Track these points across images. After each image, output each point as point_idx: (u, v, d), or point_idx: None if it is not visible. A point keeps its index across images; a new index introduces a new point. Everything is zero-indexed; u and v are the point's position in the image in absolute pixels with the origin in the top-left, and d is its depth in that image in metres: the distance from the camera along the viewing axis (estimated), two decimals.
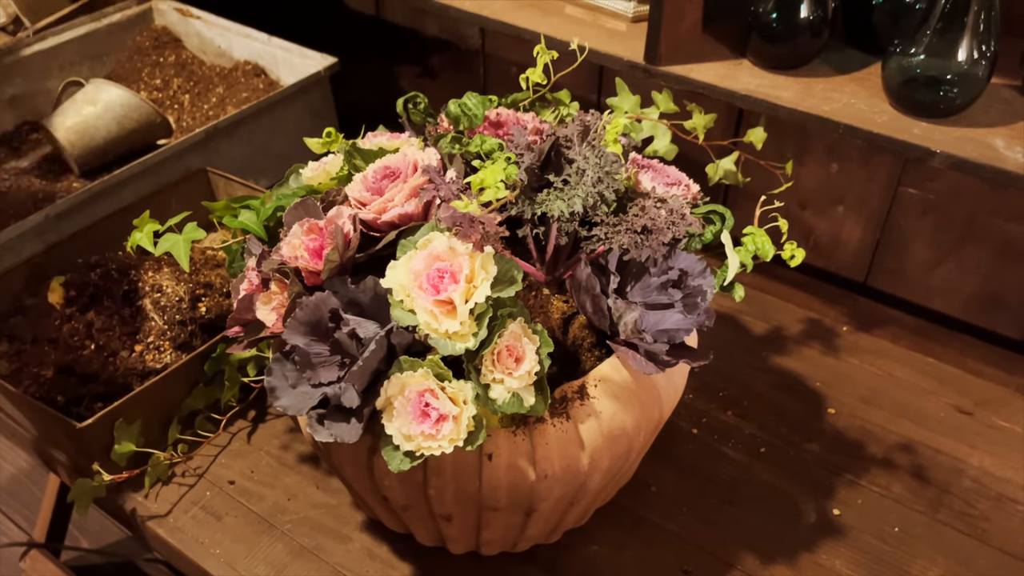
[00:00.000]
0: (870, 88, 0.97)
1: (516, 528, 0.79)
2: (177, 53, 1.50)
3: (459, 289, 0.62)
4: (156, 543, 0.92)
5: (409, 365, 0.65)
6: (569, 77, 0.88)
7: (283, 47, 1.39)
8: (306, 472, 0.95)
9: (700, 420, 1.01)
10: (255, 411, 1.00)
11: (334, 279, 0.69)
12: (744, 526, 0.90)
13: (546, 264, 0.76)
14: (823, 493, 0.93)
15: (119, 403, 0.88)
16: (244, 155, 1.29)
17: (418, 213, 0.72)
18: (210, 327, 1.01)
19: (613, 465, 0.74)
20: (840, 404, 1.03)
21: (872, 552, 0.88)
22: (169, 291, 1.02)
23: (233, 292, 0.77)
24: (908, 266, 1.17)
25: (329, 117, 1.39)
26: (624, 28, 1.10)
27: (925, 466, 0.96)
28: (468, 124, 0.82)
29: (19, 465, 1.85)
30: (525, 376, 0.64)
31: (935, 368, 1.08)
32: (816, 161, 1.17)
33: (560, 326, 0.77)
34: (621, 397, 0.72)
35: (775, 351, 1.10)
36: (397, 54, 1.53)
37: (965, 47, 0.86)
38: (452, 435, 0.63)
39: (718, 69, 1.02)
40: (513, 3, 1.15)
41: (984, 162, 0.87)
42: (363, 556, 0.87)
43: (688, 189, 0.79)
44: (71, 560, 1.61)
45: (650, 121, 0.92)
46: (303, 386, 0.68)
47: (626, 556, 0.87)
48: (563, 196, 0.68)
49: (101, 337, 0.98)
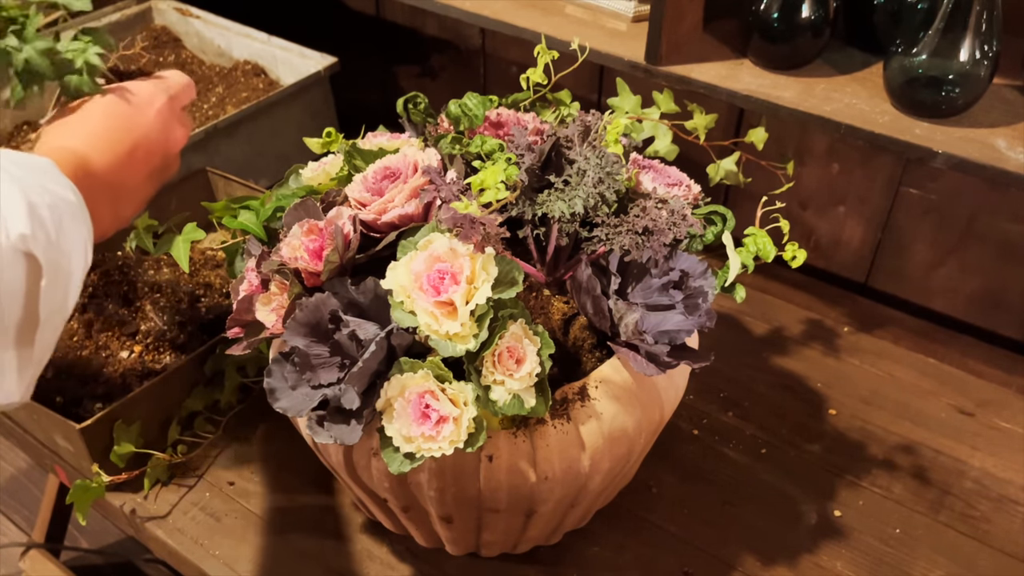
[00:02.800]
0: (871, 88, 0.97)
1: (516, 530, 0.79)
2: (177, 53, 1.50)
3: (460, 290, 0.62)
4: (155, 544, 0.92)
5: (409, 366, 0.65)
6: (570, 77, 0.88)
7: (283, 47, 1.39)
8: (306, 472, 0.95)
9: (701, 421, 1.01)
10: (255, 412, 1.00)
11: (334, 280, 0.69)
12: (745, 527, 0.90)
13: (547, 265, 0.76)
14: (824, 494, 0.93)
15: (118, 404, 0.88)
16: (244, 155, 1.29)
17: (418, 214, 0.72)
18: (210, 327, 1.01)
19: (614, 466, 0.74)
20: (841, 405, 1.03)
21: (873, 553, 0.87)
22: (169, 291, 1.02)
23: (233, 293, 0.76)
24: (909, 266, 1.17)
25: (329, 117, 1.39)
26: (625, 28, 1.10)
27: (926, 467, 0.96)
28: (468, 124, 0.82)
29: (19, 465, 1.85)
30: (526, 377, 0.64)
31: (936, 369, 1.08)
32: (817, 161, 1.17)
33: (561, 327, 0.77)
34: (622, 398, 0.72)
35: (776, 352, 1.10)
36: (397, 54, 1.53)
37: (967, 47, 0.86)
38: (452, 437, 0.63)
39: (719, 69, 1.02)
40: (513, 3, 1.15)
41: (985, 162, 0.87)
42: (363, 557, 0.87)
43: (689, 190, 0.79)
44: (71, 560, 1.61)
45: (651, 121, 0.92)
46: (303, 387, 0.68)
47: (627, 557, 0.87)
48: (564, 197, 0.68)
49: (101, 337, 0.97)
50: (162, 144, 0.76)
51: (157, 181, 0.78)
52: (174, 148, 0.78)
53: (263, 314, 0.72)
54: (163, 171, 0.79)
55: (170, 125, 0.77)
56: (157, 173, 0.77)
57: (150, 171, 0.76)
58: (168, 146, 0.77)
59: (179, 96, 0.80)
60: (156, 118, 0.76)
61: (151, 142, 0.75)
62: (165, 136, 0.76)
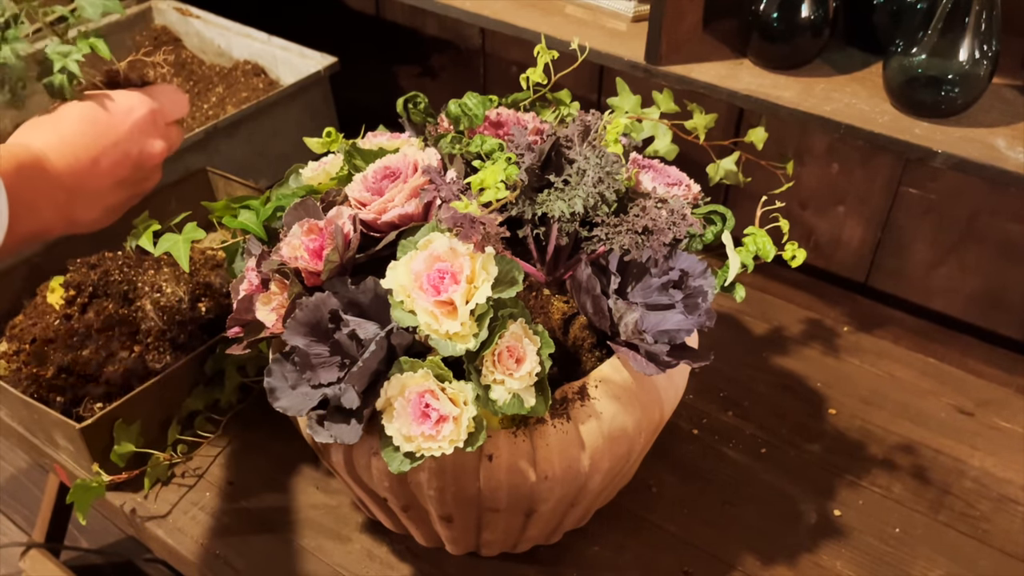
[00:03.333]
0: (871, 88, 0.97)
1: (516, 529, 0.79)
2: (177, 53, 1.50)
3: (460, 290, 0.62)
4: (156, 544, 0.92)
5: (409, 366, 0.65)
6: (569, 77, 0.88)
7: (283, 47, 1.39)
8: (306, 472, 0.95)
9: (701, 421, 1.01)
10: (255, 412, 1.00)
11: (334, 280, 0.69)
12: (745, 527, 0.90)
13: (547, 265, 0.76)
14: (824, 494, 0.93)
15: (119, 403, 0.88)
16: (244, 155, 1.29)
17: (418, 213, 0.72)
18: (210, 327, 1.01)
19: (614, 466, 0.74)
20: (841, 405, 1.03)
21: (873, 553, 0.87)
22: (169, 291, 1.02)
23: (233, 293, 0.76)
24: (909, 266, 1.17)
25: (329, 117, 1.39)
26: (624, 28, 1.10)
27: (926, 467, 0.96)
28: (468, 124, 0.82)
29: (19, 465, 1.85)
30: (526, 377, 0.64)
31: (936, 368, 1.08)
32: (817, 161, 1.17)
33: (561, 327, 0.77)
34: (622, 398, 0.72)
35: (776, 351, 1.10)
36: (397, 54, 1.53)
37: (966, 47, 0.86)
38: (452, 436, 0.63)
39: (719, 69, 1.02)
40: (513, 3, 1.15)
41: (985, 162, 0.87)
42: (363, 556, 0.87)
43: (689, 189, 0.79)
44: (71, 560, 1.61)
45: (651, 121, 0.92)
46: (303, 387, 0.68)
47: (626, 557, 0.87)
48: (564, 196, 0.68)
49: (101, 337, 0.97)
50: (134, 155, 0.77)
51: (128, 191, 0.78)
52: (149, 161, 0.78)
53: (263, 313, 0.72)
54: (137, 183, 0.79)
55: (146, 137, 0.77)
56: (128, 184, 0.78)
57: (117, 180, 0.76)
58: (141, 158, 0.77)
59: (165, 110, 0.80)
60: (131, 129, 0.76)
61: (121, 152, 0.75)
62: (139, 148, 0.77)
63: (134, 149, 0.76)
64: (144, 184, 0.80)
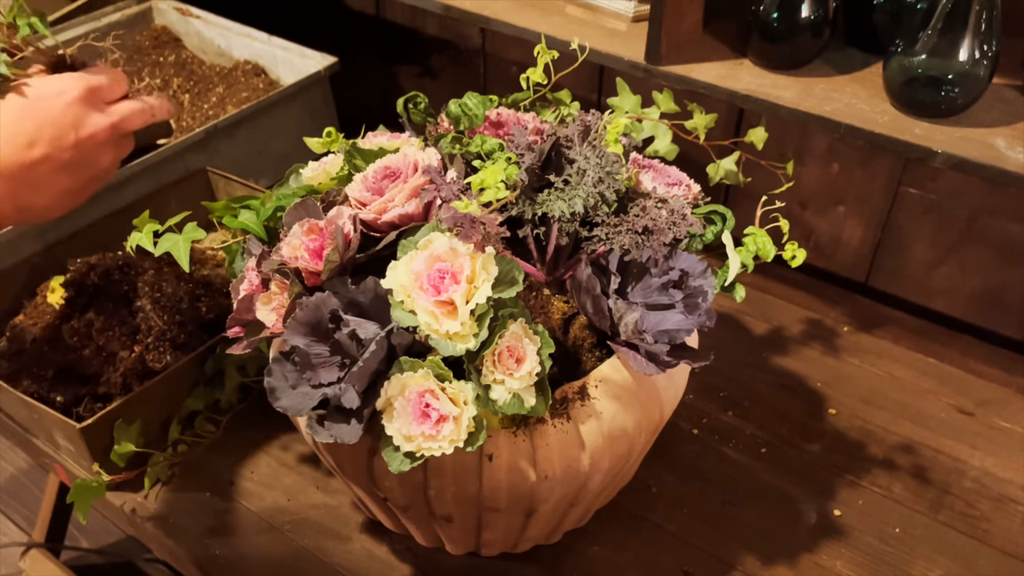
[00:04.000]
0: (871, 88, 0.97)
1: (516, 529, 0.79)
2: (177, 53, 1.50)
3: (460, 290, 0.62)
4: (156, 544, 0.92)
5: (409, 366, 0.65)
6: (570, 77, 0.88)
7: (283, 47, 1.39)
8: (306, 472, 0.95)
9: (701, 421, 1.01)
10: (255, 411, 1.00)
11: (334, 280, 0.69)
12: (745, 527, 0.90)
13: (547, 264, 0.76)
14: (824, 494, 0.93)
15: (119, 403, 0.88)
16: (244, 155, 1.29)
17: (419, 213, 0.72)
18: (210, 327, 1.01)
19: (614, 466, 0.74)
20: (841, 404, 1.03)
21: (873, 553, 0.87)
22: (169, 291, 1.02)
23: (233, 292, 0.76)
24: (909, 266, 1.17)
25: (329, 117, 1.39)
26: (624, 28, 1.10)
27: (926, 467, 0.96)
28: (468, 124, 0.82)
29: (19, 465, 1.85)
30: (526, 377, 0.64)
31: (936, 368, 1.08)
32: (817, 161, 1.17)
33: (561, 327, 0.77)
34: (622, 398, 0.72)
35: (776, 351, 1.10)
36: (397, 54, 1.53)
37: (966, 47, 0.86)
38: (452, 436, 0.63)
39: (719, 69, 1.02)
40: (513, 3, 1.15)
41: (985, 162, 0.87)
42: (363, 556, 0.87)
43: (689, 189, 0.79)
44: (71, 560, 1.61)
45: (651, 121, 0.92)
46: (303, 387, 0.68)
47: (626, 557, 0.87)
48: (564, 196, 0.68)
49: (101, 337, 0.97)
50: (70, 136, 0.75)
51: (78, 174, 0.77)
52: (91, 140, 0.77)
53: (263, 313, 0.72)
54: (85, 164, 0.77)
55: (83, 117, 0.76)
56: (75, 166, 0.76)
57: (60, 163, 0.75)
58: (81, 138, 0.76)
59: (102, 89, 0.78)
60: (65, 110, 0.75)
61: (56, 132, 0.74)
62: (75, 128, 0.75)
63: (70, 129, 0.75)
64: (96, 165, 0.78)
